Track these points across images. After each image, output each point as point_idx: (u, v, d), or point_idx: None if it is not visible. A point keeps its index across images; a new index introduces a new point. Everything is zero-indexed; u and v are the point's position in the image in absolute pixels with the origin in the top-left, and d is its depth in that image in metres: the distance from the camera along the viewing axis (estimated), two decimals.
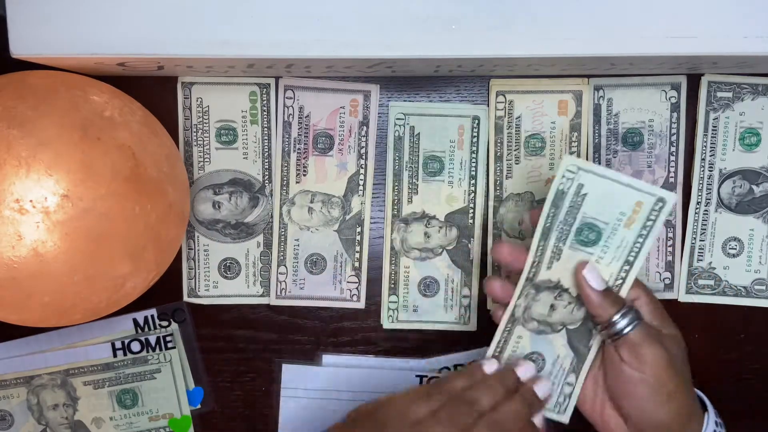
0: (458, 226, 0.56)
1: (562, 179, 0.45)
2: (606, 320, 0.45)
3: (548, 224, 0.46)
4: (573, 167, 0.44)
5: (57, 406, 0.56)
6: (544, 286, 0.47)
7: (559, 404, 0.49)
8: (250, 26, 0.43)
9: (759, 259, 0.55)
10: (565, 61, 0.47)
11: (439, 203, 0.55)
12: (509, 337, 0.49)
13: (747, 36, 0.43)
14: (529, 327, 0.48)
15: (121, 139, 0.43)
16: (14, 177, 0.40)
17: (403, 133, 0.55)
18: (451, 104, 0.55)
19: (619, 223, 0.45)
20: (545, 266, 0.46)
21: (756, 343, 0.56)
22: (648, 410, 0.45)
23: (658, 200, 0.44)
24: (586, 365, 0.48)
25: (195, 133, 0.55)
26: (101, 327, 0.55)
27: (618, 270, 0.46)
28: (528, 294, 0.47)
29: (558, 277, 0.47)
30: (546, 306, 0.47)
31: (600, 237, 0.45)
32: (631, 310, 0.45)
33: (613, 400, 0.47)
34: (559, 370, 0.49)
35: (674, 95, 0.54)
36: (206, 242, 0.56)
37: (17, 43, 0.43)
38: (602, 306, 0.45)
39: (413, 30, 0.44)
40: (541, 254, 0.46)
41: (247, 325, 0.57)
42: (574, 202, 0.45)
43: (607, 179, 0.44)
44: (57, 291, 0.43)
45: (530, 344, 0.49)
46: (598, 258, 0.46)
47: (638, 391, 0.45)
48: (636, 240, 0.45)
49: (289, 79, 0.54)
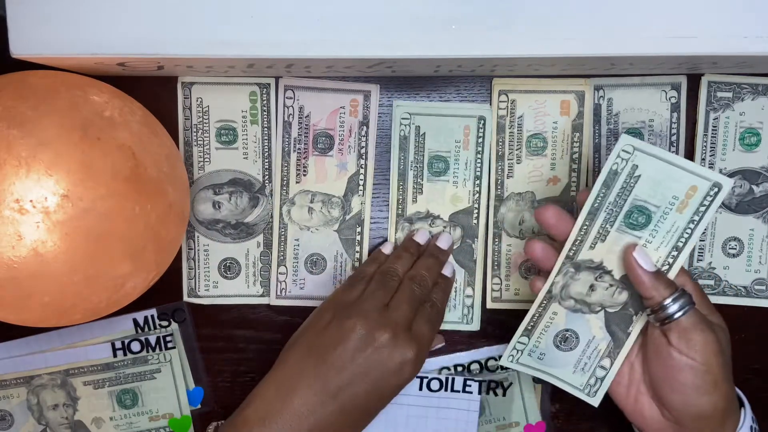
0: (462, 226, 0.56)
1: (617, 159, 0.44)
2: (658, 303, 0.44)
3: (596, 205, 0.45)
4: (629, 147, 0.44)
5: (57, 406, 0.56)
6: (584, 266, 0.47)
7: (590, 386, 0.49)
8: (250, 26, 0.43)
9: (759, 259, 0.55)
10: (565, 61, 0.47)
11: (443, 203, 0.55)
12: (544, 312, 0.49)
13: (747, 36, 0.43)
14: (565, 305, 0.48)
15: (121, 139, 0.43)
16: (14, 177, 0.40)
17: (409, 133, 0.55)
18: (458, 104, 0.55)
19: (671, 207, 0.44)
20: (588, 246, 0.46)
21: (756, 343, 0.56)
22: (692, 398, 0.45)
23: (713, 185, 0.43)
24: (623, 351, 0.48)
25: (195, 133, 0.55)
26: (101, 327, 0.55)
27: (666, 255, 0.45)
28: (567, 272, 0.47)
29: (601, 258, 0.46)
30: (585, 286, 0.47)
31: (650, 220, 0.45)
32: (684, 293, 0.45)
33: (654, 387, 0.47)
34: (593, 352, 0.49)
35: (674, 95, 0.54)
36: (206, 242, 0.56)
37: (17, 43, 0.43)
38: (656, 287, 0.44)
39: (413, 30, 0.43)
40: (585, 233, 0.46)
41: (247, 325, 0.57)
42: (626, 184, 0.44)
43: (662, 161, 0.44)
44: (57, 291, 0.43)
45: (565, 321, 0.48)
46: (646, 242, 0.45)
47: (684, 377, 0.44)
48: (687, 226, 0.44)
49: (289, 79, 0.54)
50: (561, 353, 0.50)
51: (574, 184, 0.55)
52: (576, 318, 0.48)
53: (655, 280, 0.44)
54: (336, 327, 0.47)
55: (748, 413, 0.47)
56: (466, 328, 0.57)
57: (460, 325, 0.56)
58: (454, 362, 0.57)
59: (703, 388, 0.44)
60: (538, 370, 0.51)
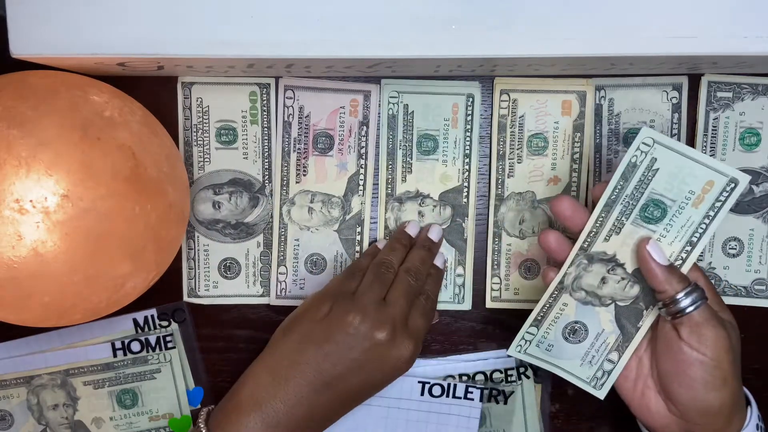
0: (452, 205, 0.56)
1: (636, 151, 0.44)
2: (670, 297, 0.44)
3: (614, 197, 0.45)
4: (649, 140, 0.44)
5: (57, 406, 0.56)
6: (597, 258, 0.47)
7: (596, 378, 0.49)
8: (250, 26, 0.43)
9: (759, 259, 0.55)
10: (565, 61, 0.47)
11: (433, 182, 0.55)
12: (554, 303, 0.49)
13: (747, 36, 0.43)
14: (576, 296, 0.48)
15: (121, 139, 0.43)
16: (14, 177, 0.40)
17: (397, 112, 0.55)
18: (446, 82, 0.54)
19: (687, 201, 0.44)
20: (602, 238, 0.46)
21: (756, 343, 0.56)
22: (700, 393, 0.45)
23: (730, 180, 0.43)
24: (632, 345, 0.48)
25: (195, 133, 0.55)
26: (101, 327, 0.55)
27: (679, 250, 0.45)
28: (580, 264, 0.47)
29: (614, 250, 0.46)
30: (597, 278, 0.47)
31: (665, 214, 0.45)
32: (697, 288, 0.45)
33: (662, 381, 0.47)
34: (601, 345, 0.49)
35: (675, 96, 0.54)
36: (206, 242, 0.56)
37: (17, 43, 0.43)
38: (669, 281, 0.44)
39: (413, 30, 0.43)
40: (600, 225, 0.46)
41: (247, 325, 0.57)
42: (644, 177, 0.44)
43: (681, 155, 0.44)
44: (57, 291, 0.43)
45: (575, 312, 0.48)
46: (660, 236, 0.45)
47: (694, 372, 0.44)
48: (702, 221, 0.45)
49: (289, 79, 0.54)
50: (569, 345, 0.50)
51: (575, 184, 0.55)
52: (586, 310, 0.48)
53: (668, 274, 0.44)
54: (335, 319, 0.47)
55: (754, 411, 0.47)
56: (458, 308, 0.56)
57: (452, 304, 0.56)
58: (459, 371, 0.56)
59: (712, 383, 0.44)
60: (545, 361, 0.51)
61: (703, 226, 0.45)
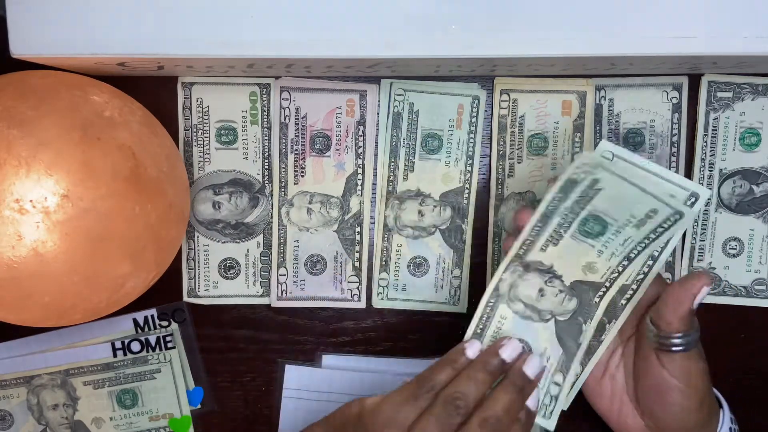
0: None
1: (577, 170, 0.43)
2: (673, 330, 0.43)
3: (551, 208, 0.44)
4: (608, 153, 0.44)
5: (57, 406, 0.56)
6: (533, 267, 0.45)
7: (545, 406, 0.46)
8: (250, 26, 0.43)
9: (759, 259, 0.55)
10: (565, 61, 0.47)
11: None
12: (492, 314, 0.46)
13: (747, 36, 0.43)
14: (514, 308, 0.46)
15: (121, 139, 0.43)
16: (14, 177, 0.40)
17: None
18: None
19: (629, 223, 0.44)
20: (539, 247, 0.45)
21: (756, 343, 0.56)
22: (678, 415, 0.45)
23: (675, 213, 0.42)
24: (574, 364, 0.46)
25: (195, 133, 0.55)
26: (101, 327, 0.55)
27: (616, 265, 0.45)
28: (515, 270, 0.46)
29: (552, 261, 0.45)
30: (534, 289, 0.46)
31: (605, 231, 0.44)
32: (697, 332, 0.44)
33: (639, 399, 0.47)
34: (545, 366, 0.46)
35: (676, 96, 0.54)
36: (206, 242, 0.56)
37: (17, 43, 0.43)
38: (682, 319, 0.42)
39: (413, 30, 0.43)
40: (536, 235, 0.45)
41: (247, 325, 0.57)
42: (585, 194, 0.44)
43: (626, 182, 0.43)
44: (57, 291, 0.43)
45: (513, 328, 0.45)
46: (598, 252, 0.45)
47: (673, 398, 0.44)
48: (642, 240, 0.44)
49: (284, 81, 0.54)
50: None
51: None
52: (525, 326, 0.46)
53: (691, 315, 0.43)
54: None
55: (726, 414, 0.47)
56: (453, 309, 0.56)
57: (447, 306, 0.56)
58: None
59: (690, 408, 0.45)
60: None
61: (643, 245, 0.44)
